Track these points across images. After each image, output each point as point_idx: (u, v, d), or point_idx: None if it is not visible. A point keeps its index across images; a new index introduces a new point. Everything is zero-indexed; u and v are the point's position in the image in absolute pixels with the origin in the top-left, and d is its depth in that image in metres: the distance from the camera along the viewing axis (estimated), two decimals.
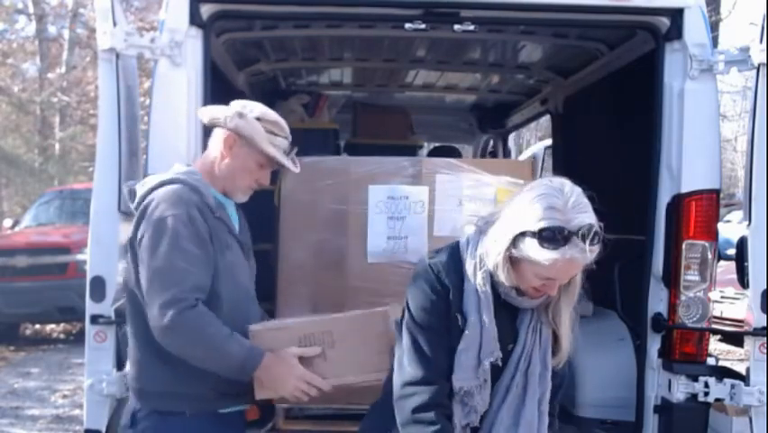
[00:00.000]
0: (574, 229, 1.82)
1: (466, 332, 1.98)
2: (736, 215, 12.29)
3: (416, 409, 1.98)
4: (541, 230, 1.84)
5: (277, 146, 2.39)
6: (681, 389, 3.10)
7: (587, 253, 1.83)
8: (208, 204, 2.32)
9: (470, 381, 1.99)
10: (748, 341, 3.04)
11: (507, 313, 2.03)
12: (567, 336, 2.05)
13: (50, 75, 18.59)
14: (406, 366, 2.02)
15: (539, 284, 1.94)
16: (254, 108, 2.40)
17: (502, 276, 1.95)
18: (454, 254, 2.05)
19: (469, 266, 2.01)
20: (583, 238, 1.82)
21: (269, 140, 2.37)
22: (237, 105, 2.41)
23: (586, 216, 1.85)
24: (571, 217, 1.83)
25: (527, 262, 1.90)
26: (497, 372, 2.03)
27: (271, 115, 2.42)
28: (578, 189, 1.90)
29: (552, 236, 1.83)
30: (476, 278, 1.99)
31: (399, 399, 2.02)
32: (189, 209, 2.25)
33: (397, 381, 2.04)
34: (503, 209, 1.98)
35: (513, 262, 1.93)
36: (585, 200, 1.88)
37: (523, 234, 1.87)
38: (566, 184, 1.90)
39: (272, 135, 2.38)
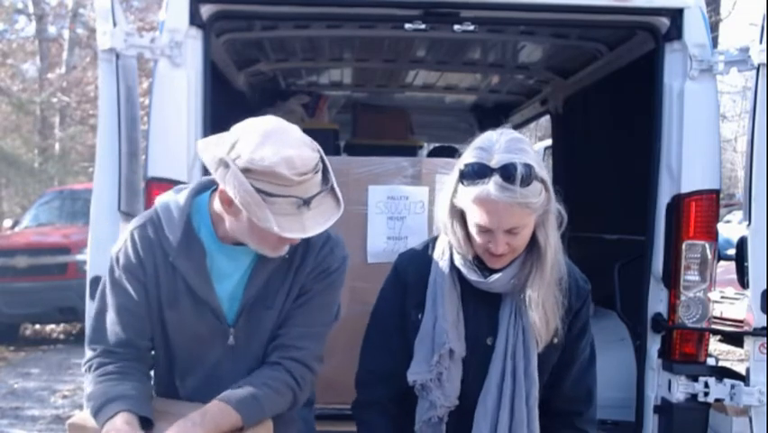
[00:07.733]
0: (495, 166, 1.74)
1: (422, 324, 1.92)
2: (736, 215, 12.31)
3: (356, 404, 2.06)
4: (464, 167, 1.79)
5: (276, 206, 1.68)
6: (680, 389, 3.10)
7: (509, 191, 1.71)
8: (163, 245, 1.88)
9: (423, 374, 1.89)
10: (748, 341, 3.04)
11: (486, 304, 1.91)
12: (541, 317, 1.86)
13: (50, 75, 18.57)
14: (364, 354, 2.05)
15: (483, 241, 1.82)
16: (242, 152, 1.70)
17: (452, 237, 1.87)
18: (427, 245, 2.00)
19: (437, 251, 1.95)
20: (505, 175, 1.72)
21: (262, 201, 1.68)
22: (227, 141, 1.74)
23: (515, 156, 1.75)
24: (497, 156, 1.75)
25: (466, 212, 1.83)
26: (478, 368, 1.91)
27: (264, 160, 1.67)
28: (515, 135, 1.83)
29: (471, 172, 1.77)
30: (441, 261, 1.91)
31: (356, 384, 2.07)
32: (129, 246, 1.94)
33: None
34: None
35: (462, 222, 1.86)
36: (521, 145, 1.79)
37: (458, 180, 1.82)
38: (506, 132, 1.83)
39: (266, 195, 1.68)
